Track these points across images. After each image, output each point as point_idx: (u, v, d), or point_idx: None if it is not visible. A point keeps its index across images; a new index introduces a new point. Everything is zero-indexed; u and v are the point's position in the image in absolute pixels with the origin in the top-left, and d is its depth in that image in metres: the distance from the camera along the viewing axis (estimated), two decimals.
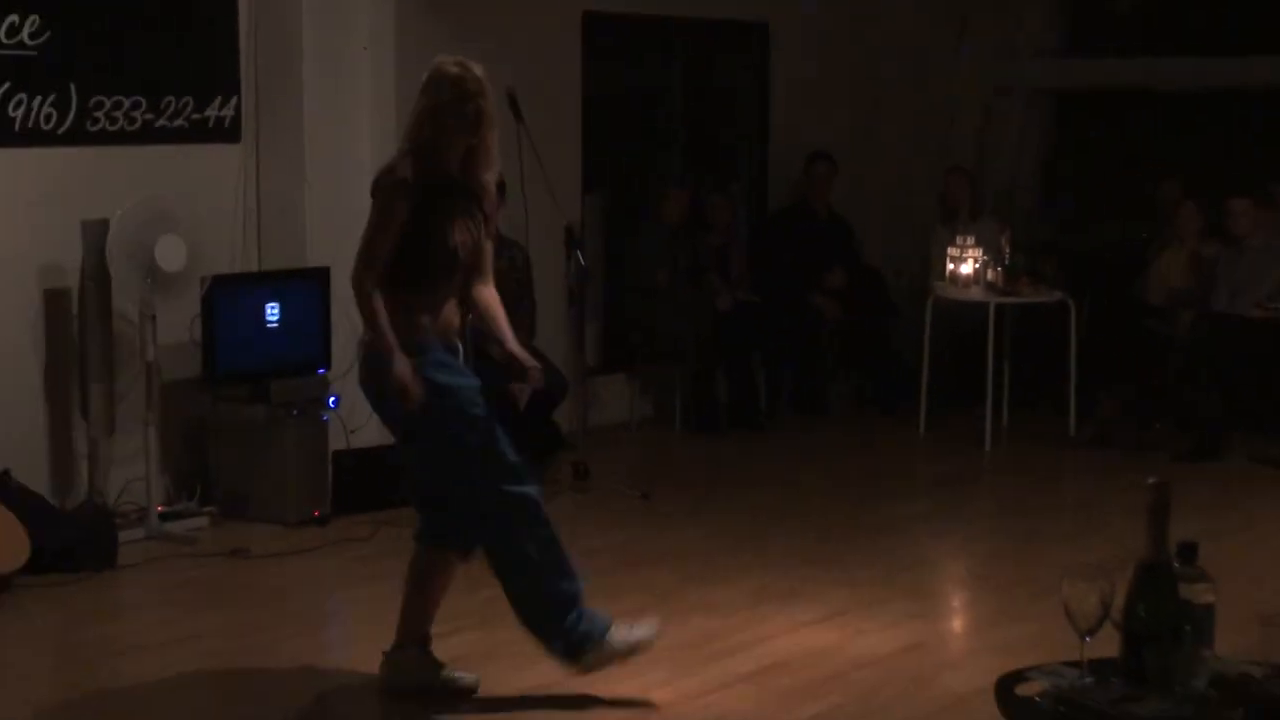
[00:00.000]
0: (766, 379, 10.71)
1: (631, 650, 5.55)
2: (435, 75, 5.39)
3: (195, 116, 8.05)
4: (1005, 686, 3.55)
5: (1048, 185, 12.66)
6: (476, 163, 5.44)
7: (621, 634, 5.56)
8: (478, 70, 5.41)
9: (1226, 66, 11.88)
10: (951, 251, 10.16)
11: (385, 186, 5.38)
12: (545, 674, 5.80)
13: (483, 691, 5.61)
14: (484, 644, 6.13)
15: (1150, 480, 3.45)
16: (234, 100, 8.20)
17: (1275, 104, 11.82)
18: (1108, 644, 3.45)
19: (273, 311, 7.95)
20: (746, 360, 10.48)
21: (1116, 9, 13.12)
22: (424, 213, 5.33)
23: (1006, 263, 10.04)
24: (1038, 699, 3.43)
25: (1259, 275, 10.01)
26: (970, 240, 10.15)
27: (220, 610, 6.72)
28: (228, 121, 8.19)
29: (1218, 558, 3.66)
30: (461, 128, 5.32)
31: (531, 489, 5.52)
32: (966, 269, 10.04)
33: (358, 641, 6.24)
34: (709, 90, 11.37)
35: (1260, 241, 10.07)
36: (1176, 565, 3.42)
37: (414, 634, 5.63)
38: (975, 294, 10.00)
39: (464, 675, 5.66)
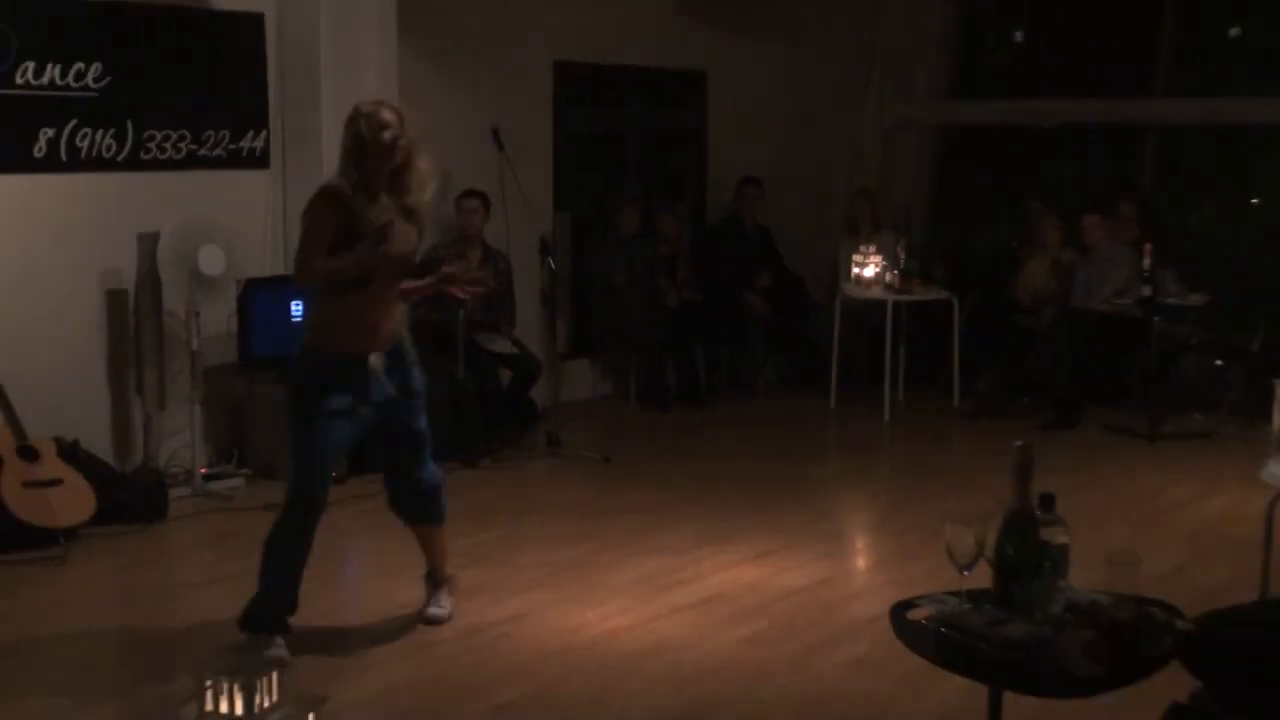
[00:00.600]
0: (706, 363, 10.66)
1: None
2: (353, 113, 5.16)
3: (231, 147, 8.00)
4: (899, 612, 3.56)
5: (936, 204, 12.65)
6: (403, 183, 5.15)
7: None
8: (396, 104, 5.26)
9: (1080, 107, 11.88)
10: (856, 258, 10.16)
11: (316, 197, 5.13)
12: (521, 607, 5.89)
13: (467, 619, 5.67)
14: (474, 580, 6.15)
15: (1016, 444, 3.45)
16: (264, 134, 8.14)
17: (1119, 137, 11.90)
18: (982, 577, 3.45)
19: (296, 307, 7.88)
20: (690, 348, 10.47)
21: (991, 61, 13.18)
22: (357, 226, 5.05)
23: (902, 267, 10.03)
24: (925, 622, 3.45)
25: (1107, 277, 9.99)
26: (872, 249, 10.14)
27: (254, 556, 6.65)
28: (258, 151, 8.13)
29: (1072, 507, 3.67)
30: (379, 154, 5.07)
31: (305, 495, 5.28)
32: (869, 273, 10.03)
33: (368, 579, 6.25)
34: (658, 126, 11.31)
35: (1108, 250, 10.07)
36: (1038, 513, 3.42)
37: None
38: (876, 293, 9.97)
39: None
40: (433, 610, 5.67)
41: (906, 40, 12.40)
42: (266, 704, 2.23)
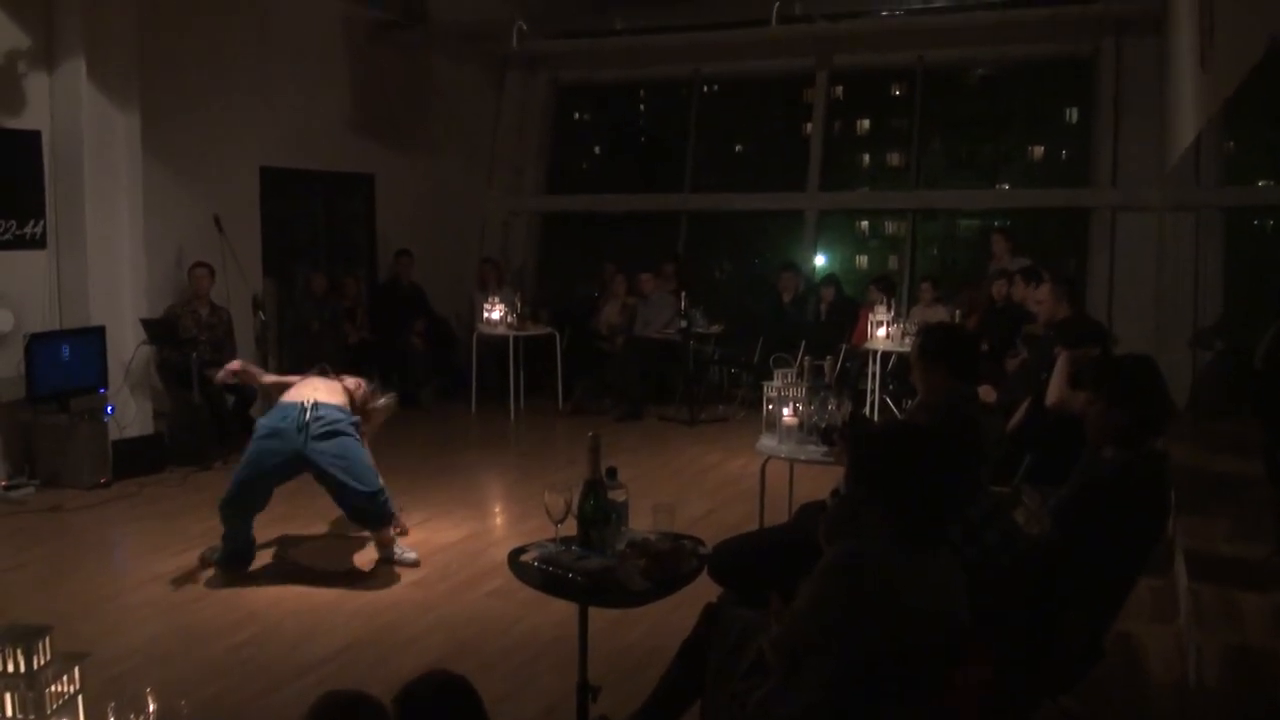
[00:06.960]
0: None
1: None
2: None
3: (17, 233, 7.53)
4: (514, 556, 3.58)
5: (541, 267, 12.88)
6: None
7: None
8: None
9: (638, 199, 12.33)
10: (486, 306, 10.21)
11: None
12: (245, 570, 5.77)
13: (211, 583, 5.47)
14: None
15: (589, 434, 3.56)
16: (41, 223, 7.67)
17: (663, 220, 12.28)
18: (571, 527, 3.54)
19: (65, 351, 7.47)
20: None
21: (579, 167, 13.52)
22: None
23: (519, 311, 10.17)
24: (534, 562, 3.49)
25: (656, 315, 10.45)
26: (497, 300, 10.23)
27: (45, 546, 6.30)
28: (38, 236, 7.65)
29: (640, 475, 3.79)
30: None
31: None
32: (495, 316, 10.11)
33: (139, 556, 5.98)
34: (341, 213, 11.16)
35: (657, 296, 10.52)
36: (606, 480, 3.50)
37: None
38: (501, 330, 10.04)
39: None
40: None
41: (517, 152, 12.64)
42: (42, 661, 2.20)
